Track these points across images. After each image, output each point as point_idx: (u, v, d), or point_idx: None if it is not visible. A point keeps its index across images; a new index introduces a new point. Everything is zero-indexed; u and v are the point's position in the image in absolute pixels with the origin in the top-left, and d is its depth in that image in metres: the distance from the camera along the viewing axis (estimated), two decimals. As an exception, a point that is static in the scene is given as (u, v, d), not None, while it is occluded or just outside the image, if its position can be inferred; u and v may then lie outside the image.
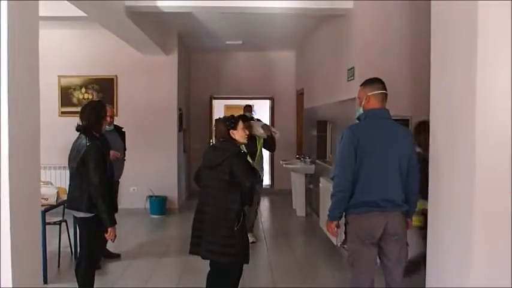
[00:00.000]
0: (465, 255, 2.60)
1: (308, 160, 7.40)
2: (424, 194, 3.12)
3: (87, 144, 3.38)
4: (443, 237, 2.88)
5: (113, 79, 7.55)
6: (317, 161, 6.95)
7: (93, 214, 3.40)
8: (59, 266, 4.85)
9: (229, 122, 3.48)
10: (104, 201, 3.34)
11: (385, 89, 3.08)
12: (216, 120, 3.62)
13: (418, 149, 3.41)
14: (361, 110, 3.11)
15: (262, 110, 10.34)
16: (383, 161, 2.94)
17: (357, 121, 3.15)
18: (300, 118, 8.96)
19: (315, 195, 6.89)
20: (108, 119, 4.94)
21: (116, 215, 3.52)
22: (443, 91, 2.90)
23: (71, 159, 3.50)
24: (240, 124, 3.49)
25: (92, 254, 3.59)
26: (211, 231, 3.33)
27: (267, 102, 9.80)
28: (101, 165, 3.38)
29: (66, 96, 7.47)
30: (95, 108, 3.61)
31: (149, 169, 7.53)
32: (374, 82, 3.11)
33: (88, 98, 7.40)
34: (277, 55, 9.41)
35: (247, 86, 9.36)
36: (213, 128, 3.60)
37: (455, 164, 2.73)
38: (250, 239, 5.02)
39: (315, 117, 7.22)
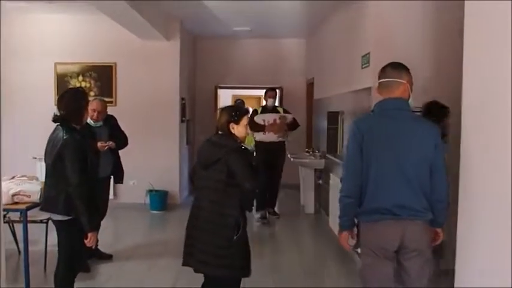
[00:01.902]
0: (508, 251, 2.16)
1: (318, 154, 6.95)
2: None
3: (64, 137, 2.96)
4: (477, 231, 2.44)
5: (111, 66, 7.16)
6: (327, 155, 6.51)
7: (71, 217, 3.00)
8: (45, 268, 4.49)
9: (234, 113, 3.00)
10: (83, 202, 2.92)
11: (400, 76, 2.59)
12: (221, 108, 3.17)
13: None
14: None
15: (270, 101, 9.88)
16: (396, 161, 2.49)
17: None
18: (310, 109, 8.50)
19: (325, 191, 6.47)
20: (95, 114, 4.53)
21: (113, 210, 3.11)
22: (478, 90, 2.48)
23: (46, 153, 3.09)
24: (244, 120, 3.01)
25: (71, 260, 3.19)
26: (206, 240, 2.89)
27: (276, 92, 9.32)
28: (80, 161, 2.96)
29: (62, 84, 7.06)
30: (74, 95, 3.17)
31: (149, 162, 7.16)
32: (385, 68, 2.67)
33: (85, 86, 7.03)
34: (286, 43, 8.93)
35: (255, 75, 8.89)
36: (217, 116, 3.12)
37: (493, 160, 2.30)
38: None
39: (325, 109, 6.77)
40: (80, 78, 7.15)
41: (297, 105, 8.84)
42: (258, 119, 6.44)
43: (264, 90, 6.91)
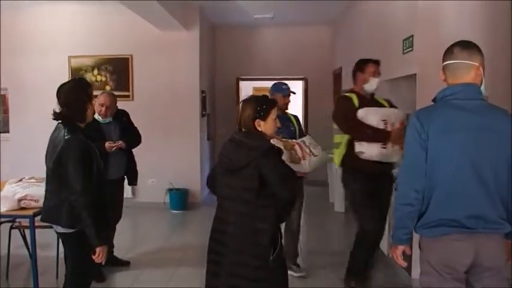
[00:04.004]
0: None
1: (348, 149, 6.45)
2: None
3: (65, 137, 2.55)
4: None
5: (127, 59, 6.80)
6: (359, 150, 6.02)
7: (75, 229, 2.60)
8: (57, 275, 4.15)
9: (260, 107, 2.47)
10: (88, 213, 2.50)
11: (471, 58, 2.10)
12: (243, 101, 2.59)
13: None
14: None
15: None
16: (470, 161, 2.02)
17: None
18: (338, 101, 8.00)
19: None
20: (102, 109, 4.12)
21: (131, 210, 2.66)
22: None
23: (47, 156, 2.69)
24: (272, 113, 2.49)
25: (80, 275, 2.80)
26: (236, 261, 2.40)
27: (300, 84, 8.85)
28: (84, 165, 2.54)
29: (77, 78, 6.76)
30: (74, 88, 2.72)
31: (169, 159, 6.81)
32: (452, 47, 2.16)
33: (101, 80, 6.72)
34: (311, 30, 8.43)
35: (278, 66, 8.43)
36: (239, 110, 2.56)
37: None
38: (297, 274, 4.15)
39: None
40: (95, 71, 6.83)
41: (323, 96, 8.39)
42: (372, 116, 3.44)
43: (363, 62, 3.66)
